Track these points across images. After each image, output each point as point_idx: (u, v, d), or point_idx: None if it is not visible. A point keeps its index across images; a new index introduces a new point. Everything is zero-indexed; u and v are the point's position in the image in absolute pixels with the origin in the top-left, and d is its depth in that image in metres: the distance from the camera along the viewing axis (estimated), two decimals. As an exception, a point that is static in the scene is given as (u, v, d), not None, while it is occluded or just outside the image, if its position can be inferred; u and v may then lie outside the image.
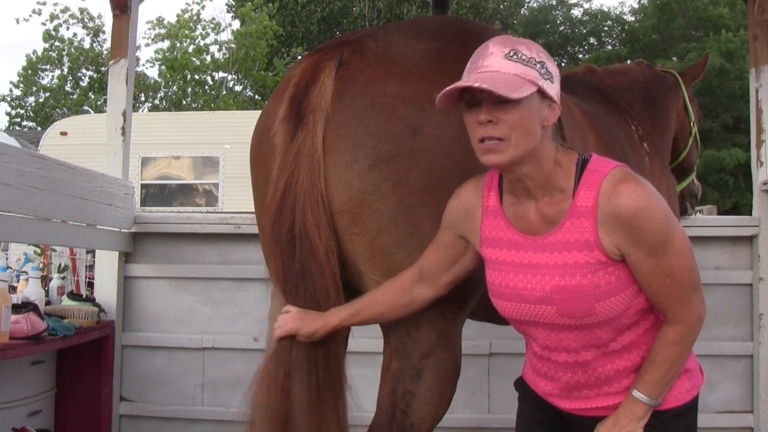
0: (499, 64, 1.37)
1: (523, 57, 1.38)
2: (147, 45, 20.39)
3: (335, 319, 1.63)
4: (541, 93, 1.39)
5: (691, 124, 3.22)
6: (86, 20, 19.08)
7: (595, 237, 1.40)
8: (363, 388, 1.84)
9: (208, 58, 18.96)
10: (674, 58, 18.02)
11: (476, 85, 1.34)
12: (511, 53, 1.38)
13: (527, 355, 1.67)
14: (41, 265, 4.27)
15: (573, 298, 1.42)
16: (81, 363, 3.12)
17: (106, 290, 3.29)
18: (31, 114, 19.66)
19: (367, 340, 2.08)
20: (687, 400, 1.53)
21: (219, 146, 9.59)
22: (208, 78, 19.24)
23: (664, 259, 1.39)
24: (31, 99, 19.75)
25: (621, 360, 1.50)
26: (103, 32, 19.23)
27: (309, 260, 1.63)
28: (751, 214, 3.29)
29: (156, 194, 9.87)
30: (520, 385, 1.73)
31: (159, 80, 18.88)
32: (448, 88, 1.38)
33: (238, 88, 19.97)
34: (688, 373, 1.54)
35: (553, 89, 1.41)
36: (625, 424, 1.47)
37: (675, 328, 1.44)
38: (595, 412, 1.55)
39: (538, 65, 1.39)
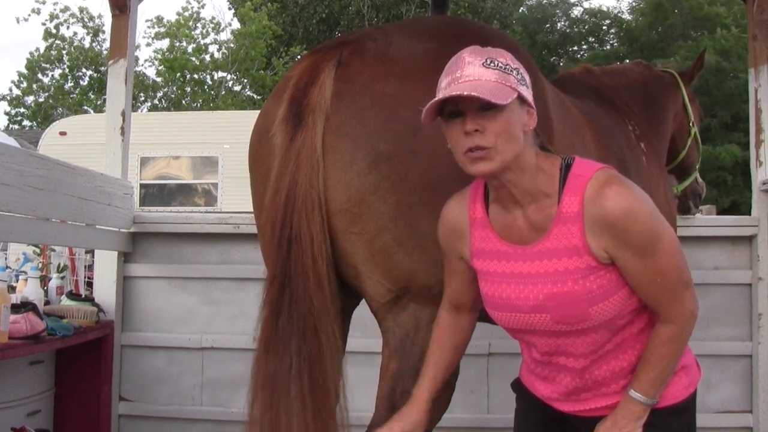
0: (478, 73, 1.37)
1: (500, 64, 1.38)
2: (148, 45, 20.42)
3: (423, 401, 1.63)
4: (521, 99, 1.39)
5: (691, 124, 3.22)
6: (86, 20, 19.08)
7: (584, 242, 1.40)
8: (362, 388, 1.84)
9: (208, 57, 18.95)
10: (673, 58, 18.01)
11: (465, 93, 1.33)
12: (488, 61, 1.38)
13: (524, 360, 1.67)
14: (40, 264, 4.27)
15: (566, 304, 1.42)
16: (80, 363, 3.12)
17: (106, 290, 3.29)
18: (31, 114, 19.64)
19: (365, 340, 2.08)
20: (685, 397, 1.54)
21: (218, 146, 9.58)
22: (208, 78, 19.23)
23: (652, 259, 1.39)
24: (31, 98, 19.73)
25: (616, 360, 1.51)
26: (103, 32, 19.21)
27: (297, 264, 1.62)
28: (749, 213, 3.29)
29: (155, 194, 9.87)
30: (517, 386, 1.74)
31: (158, 80, 18.87)
32: (434, 100, 1.38)
33: (237, 87, 19.96)
34: (684, 370, 1.55)
35: (530, 95, 1.42)
36: (624, 424, 1.47)
37: (668, 327, 1.44)
38: (594, 413, 1.55)
39: (514, 72, 1.39)
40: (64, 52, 19.11)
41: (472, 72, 1.37)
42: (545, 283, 1.44)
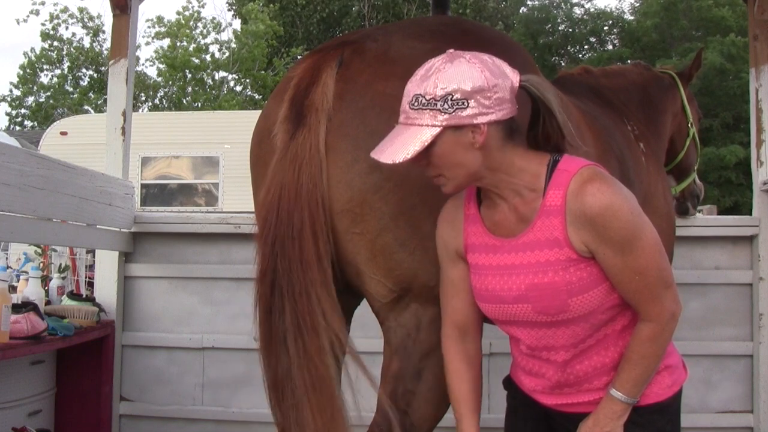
0: (405, 116, 1.41)
1: (423, 101, 1.39)
2: (147, 44, 20.42)
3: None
4: (452, 127, 1.39)
5: (689, 125, 3.22)
6: (86, 20, 19.08)
7: (565, 235, 1.43)
8: (363, 388, 1.84)
9: (208, 57, 18.94)
10: (674, 57, 18.00)
11: (373, 156, 1.42)
12: (413, 101, 1.40)
13: (512, 354, 1.69)
14: (41, 264, 4.27)
15: (547, 295, 1.45)
16: (81, 363, 3.12)
17: (106, 290, 3.29)
18: (31, 113, 19.63)
19: (367, 340, 2.08)
20: (668, 396, 1.56)
21: (219, 146, 9.59)
22: (209, 78, 19.22)
23: (631, 257, 1.41)
24: (31, 99, 19.73)
25: (598, 356, 1.53)
26: (103, 32, 19.23)
27: (293, 263, 1.60)
28: (751, 213, 3.29)
29: (156, 194, 9.87)
30: (509, 382, 1.76)
31: (159, 80, 18.86)
32: (372, 155, 1.44)
33: (238, 87, 19.96)
34: (669, 370, 1.56)
35: (467, 114, 1.38)
36: (605, 423, 1.50)
37: (648, 326, 1.46)
38: (576, 408, 1.57)
39: (440, 103, 1.37)
40: (63, 52, 19.11)
41: (402, 115, 1.42)
42: (527, 274, 1.47)
